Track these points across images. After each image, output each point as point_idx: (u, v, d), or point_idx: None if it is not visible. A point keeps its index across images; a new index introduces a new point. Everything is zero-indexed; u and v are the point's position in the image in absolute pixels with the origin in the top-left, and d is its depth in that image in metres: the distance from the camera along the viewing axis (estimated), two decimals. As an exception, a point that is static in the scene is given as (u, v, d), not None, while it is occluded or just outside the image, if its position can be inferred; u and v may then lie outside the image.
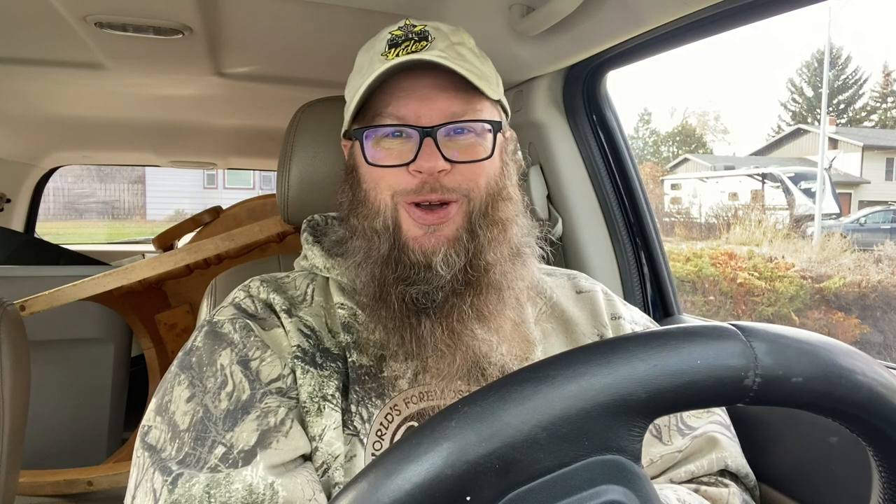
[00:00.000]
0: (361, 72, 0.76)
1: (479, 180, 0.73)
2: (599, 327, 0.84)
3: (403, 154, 0.71)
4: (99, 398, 2.37)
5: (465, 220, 0.72)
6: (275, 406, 0.65)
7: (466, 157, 0.72)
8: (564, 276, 0.92)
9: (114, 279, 1.90)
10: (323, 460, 0.67)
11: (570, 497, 0.35)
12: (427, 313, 0.70)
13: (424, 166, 0.69)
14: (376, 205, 0.73)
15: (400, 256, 0.71)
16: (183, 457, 0.62)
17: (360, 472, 0.35)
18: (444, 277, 0.70)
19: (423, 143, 0.70)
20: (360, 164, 0.76)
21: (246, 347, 0.69)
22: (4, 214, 3.03)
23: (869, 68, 44.20)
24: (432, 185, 0.70)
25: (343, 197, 0.79)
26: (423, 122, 0.71)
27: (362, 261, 0.74)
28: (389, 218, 0.72)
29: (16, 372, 1.17)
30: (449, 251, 0.71)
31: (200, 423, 0.64)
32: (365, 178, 0.75)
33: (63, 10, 1.29)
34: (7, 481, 1.15)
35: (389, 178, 0.72)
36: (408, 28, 0.75)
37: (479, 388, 0.36)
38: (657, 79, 54.29)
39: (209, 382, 0.67)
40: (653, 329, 0.52)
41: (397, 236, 0.72)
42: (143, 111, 2.32)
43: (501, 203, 0.75)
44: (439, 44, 0.73)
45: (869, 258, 10.67)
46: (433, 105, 0.71)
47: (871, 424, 0.40)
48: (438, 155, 0.70)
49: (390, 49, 0.73)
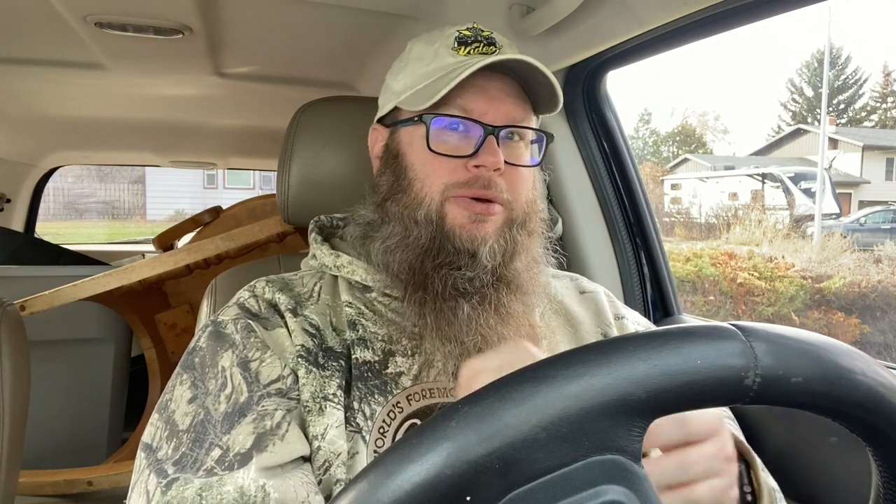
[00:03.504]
0: (425, 60, 0.77)
1: (521, 190, 0.76)
2: (603, 326, 0.86)
3: (462, 148, 0.73)
4: (99, 398, 2.37)
5: (506, 225, 0.74)
6: (271, 409, 0.65)
7: (517, 162, 0.75)
8: (567, 278, 0.94)
9: (114, 279, 1.90)
10: (325, 458, 0.67)
11: (570, 497, 0.35)
12: (468, 298, 0.72)
13: (488, 161, 0.71)
14: (421, 195, 0.74)
15: (443, 244, 0.72)
16: (179, 457, 0.62)
17: (360, 472, 0.35)
18: (486, 267, 0.72)
19: (487, 140, 0.72)
20: (409, 152, 0.76)
21: (246, 348, 0.69)
22: (4, 214, 3.03)
23: (869, 68, 44.24)
24: (485, 181, 0.72)
25: (382, 180, 0.79)
26: (489, 117, 0.73)
27: (396, 246, 0.74)
28: (434, 212, 0.73)
29: (16, 372, 1.17)
30: (494, 244, 0.73)
31: (201, 426, 0.64)
32: (415, 166, 0.75)
33: (63, 10, 1.30)
34: (7, 481, 1.15)
35: (446, 170, 0.73)
36: (476, 30, 0.77)
37: (479, 388, 0.36)
38: (657, 79, 54.33)
39: (211, 384, 0.67)
40: (653, 329, 0.52)
41: (440, 227, 0.73)
42: (143, 111, 2.32)
43: (534, 216, 0.78)
44: (507, 52, 0.76)
45: (869, 258, 10.68)
46: (501, 106, 0.74)
47: (870, 424, 0.40)
48: (499, 152, 0.72)
49: (460, 46, 0.76)
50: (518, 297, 0.75)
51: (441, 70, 0.74)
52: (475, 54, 0.75)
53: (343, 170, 1.01)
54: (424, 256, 0.72)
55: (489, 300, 0.72)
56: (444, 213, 0.73)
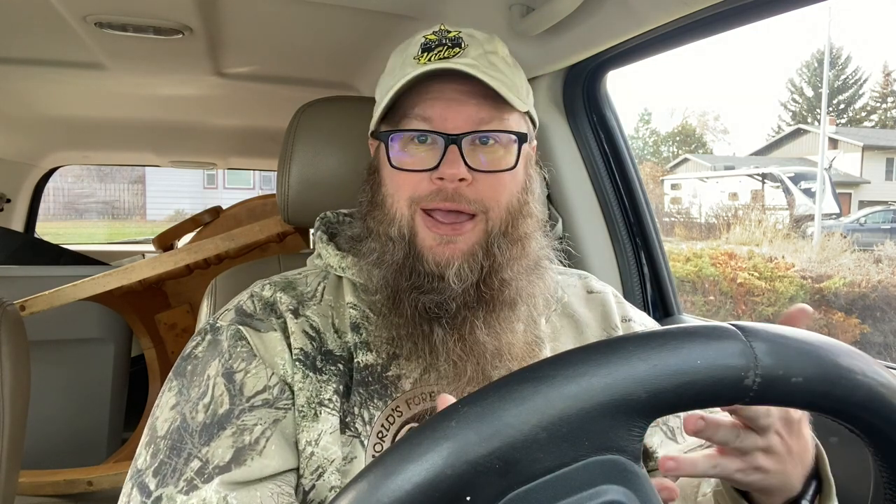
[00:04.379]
0: (393, 73, 0.76)
1: (500, 197, 0.72)
2: (610, 329, 0.84)
3: (427, 160, 0.71)
4: (99, 398, 2.37)
5: (483, 238, 0.72)
6: (251, 424, 0.65)
7: (490, 168, 0.72)
8: (576, 276, 0.92)
9: (114, 279, 1.90)
10: (318, 464, 0.67)
11: (570, 497, 0.35)
12: (440, 322, 0.70)
13: (447, 173, 0.69)
14: (392, 211, 0.73)
15: (414, 265, 0.71)
16: (158, 465, 0.63)
17: (360, 472, 0.35)
18: (455, 290, 0.70)
19: (448, 150, 0.69)
20: (382, 167, 0.75)
21: (232, 358, 0.69)
22: (4, 214, 3.02)
23: (869, 68, 44.24)
24: (448, 193, 0.70)
25: (363, 196, 0.79)
26: (450, 126, 0.70)
27: (375, 264, 0.74)
28: (406, 227, 0.72)
29: (16, 372, 1.17)
30: (462, 265, 0.70)
31: (177, 433, 0.64)
32: (386, 182, 0.75)
33: (63, 10, 1.30)
34: (7, 481, 1.15)
35: (410, 184, 0.71)
36: (442, 33, 0.74)
37: (479, 388, 0.36)
38: (657, 79, 54.32)
39: (193, 392, 0.67)
40: (653, 329, 0.52)
41: (413, 244, 0.71)
42: (143, 111, 2.32)
43: (522, 220, 0.74)
44: (472, 51, 0.73)
45: (869, 258, 10.67)
46: (461, 110, 0.71)
47: (871, 424, 0.40)
48: (461, 163, 0.69)
49: (423, 53, 0.73)
50: (507, 310, 0.72)
51: (398, 82, 0.71)
52: (435, 60, 0.71)
53: (343, 170, 1.01)
54: (398, 275, 0.71)
55: (467, 322, 0.70)
56: (415, 230, 0.71)
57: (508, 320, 0.73)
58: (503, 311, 0.72)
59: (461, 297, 0.70)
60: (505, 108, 0.72)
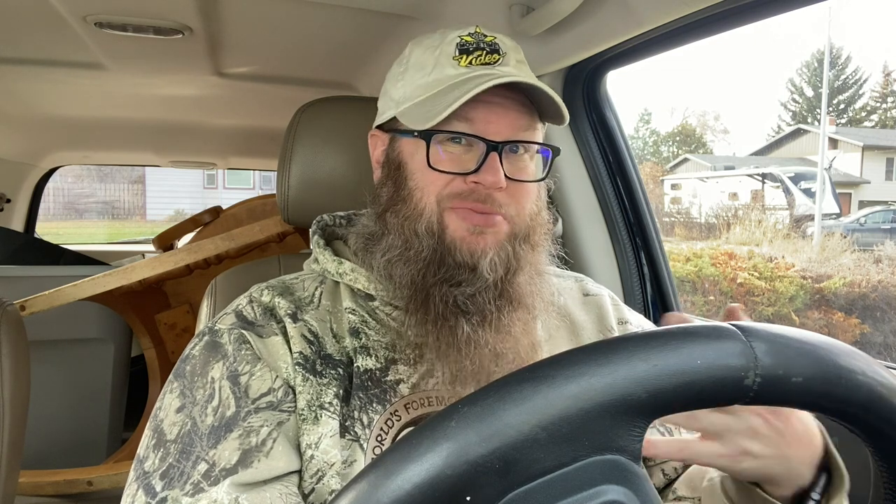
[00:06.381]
0: (425, 69, 0.74)
1: (524, 204, 0.73)
2: (605, 332, 0.84)
3: (465, 163, 0.71)
4: (99, 398, 2.37)
5: (508, 238, 0.72)
6: (257, 425, 0.65)
7: (521, 177, 0.72)
8: (572, 279, 0.91)
9: (114, 279, 1.90)
10: (318, 468, 0.67)
11: (571, 497, 0.35)
12: (467, 317, 0.70)
13: (488, 180, 0.69)
14: (420, 207, 0.72)
15: (444, 258, 0.70)
16: (166, 468, 0.62)
17: (360, 472, 0.35)
18: (487, 281, 0.70)
19: (489, 156, 0.69)
20: (408, 162, 0.74)
21: (237, 361, 0.69)
22: (4, 214, 3.03)
23: (869, 68, 44.24)
24: (482, 195, 0.70)
25: (382, 191, 0.77)
26: (492, 130, 0.70)
27: (396, 259, 0.73)
28: (435, 221, 0.71)
29: (16, 372, 1.17)
30: (494, 257, 0.70)
31: (188, 436, 0.64)
32: (413, 177, 0.73)
33: (63, 10, 1.30)
34: (7, 481, 1.15)
35: (442, 181, 0.71)
36: (479, 36, 0.74)
37: (479, 388, 0.36)
38: (657, 79, 54.32)
39: (199, 394, 0.67)
40: (653, 329, 0.52)
41: (442, 238, 0.71)
42: (143, 111, 2.32)
43: (538, 228, 0.76)
44: (511, 59, 0.74)
45: (869, 258, 10.67)
46: (505, 115, 0.71)
47: (871, 424, 0.40)
48: (501, 171, 0.69)
49: (461, 55, 0.73)
50: (520, 313, 0.73)
51: (440, 83, 0.71)
52: (477, 65, 0.72)
53: (343, 170, 1.01)
54: (426, 270, 0.71)
55: (489, 320, 0.70)
56: (444, 224, 0.71)
57: (523, 322, 0.73)
58: (521, 311, 0.73)
59: (491, 291, 0.70)
60: (536, 117, 0.74)
